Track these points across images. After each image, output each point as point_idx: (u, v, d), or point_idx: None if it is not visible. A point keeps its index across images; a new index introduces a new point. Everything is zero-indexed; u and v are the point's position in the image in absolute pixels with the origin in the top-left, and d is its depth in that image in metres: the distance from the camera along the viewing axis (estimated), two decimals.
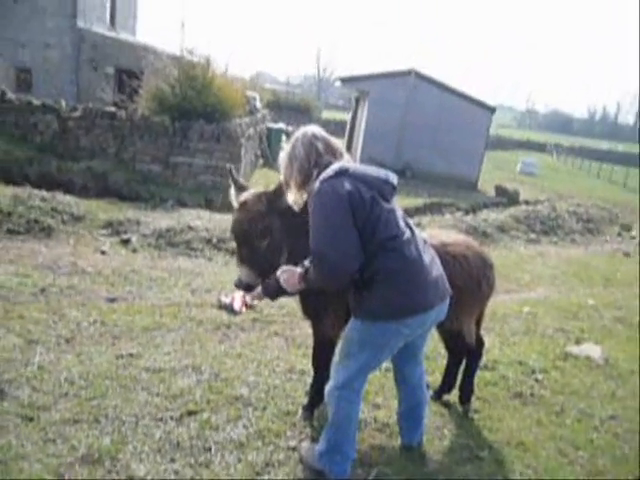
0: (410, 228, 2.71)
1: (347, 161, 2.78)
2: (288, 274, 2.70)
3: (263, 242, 2.88)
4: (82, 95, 19.25)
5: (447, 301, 2.80)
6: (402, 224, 2.67)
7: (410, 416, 3.15)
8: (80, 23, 19.97)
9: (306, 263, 2.68)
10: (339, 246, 2.49)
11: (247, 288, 2.92)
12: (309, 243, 2.62)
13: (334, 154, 2.76)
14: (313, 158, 2.71)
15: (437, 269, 2.76)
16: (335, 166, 2.63)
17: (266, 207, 2.91)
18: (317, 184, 2.59)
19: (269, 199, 2.92)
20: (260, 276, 2.87)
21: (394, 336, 2.69)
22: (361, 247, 2.54)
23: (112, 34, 21.42)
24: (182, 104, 12.13)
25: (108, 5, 23.02)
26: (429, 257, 2.74)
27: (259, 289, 2.86)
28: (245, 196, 2.98)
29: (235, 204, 3.00)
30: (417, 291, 2.62)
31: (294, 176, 2.73)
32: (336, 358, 2.96)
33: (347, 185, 2.54)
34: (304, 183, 2.72)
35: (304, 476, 2.85)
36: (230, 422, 3.22)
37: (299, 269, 2.69)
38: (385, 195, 2.65)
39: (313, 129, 2.82)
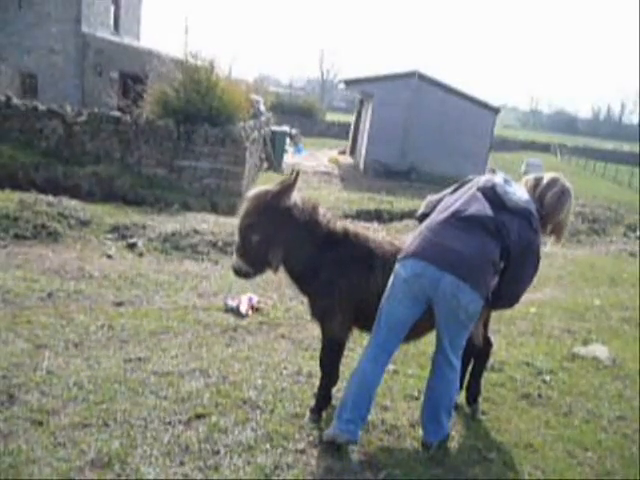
0: (470, 210, 2.97)
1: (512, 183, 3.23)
2: None
3: (254, 237, 3.06)
4: (87, 100, 19.36)
5: (460, 282, 2.84)
6: (462, 207, 2.99)
7: (428, 409, 3.14)
8: (84, 28, 20.08)
9: None
10: None
11: (236, 273, 3.23)
12: (302, 251, 3.12)
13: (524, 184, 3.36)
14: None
15: (460, 246, 2.88)
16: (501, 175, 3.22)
17: (265, 205, 3.03)
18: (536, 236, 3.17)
19: (272, 196, 3.04)
20: (250, 266, 3.16)
21: (396, 276, 2.96)
22: (434, 200, 3.34)
23: (116, 39, 21.53)
24: (186, 108, 12.17)
25: (112, 10, 23.15)
26: (459, 235, 2.90)
27: None
28: (254, 190, 3.16)
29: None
30: (419, 240, 2.96)
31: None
32: None
33: (484, 178, 3.21)
34: None
35: (313, 479, 2.86)
36: (238, 425, 3.23)
37: None
38: (486, 195, 3.03)
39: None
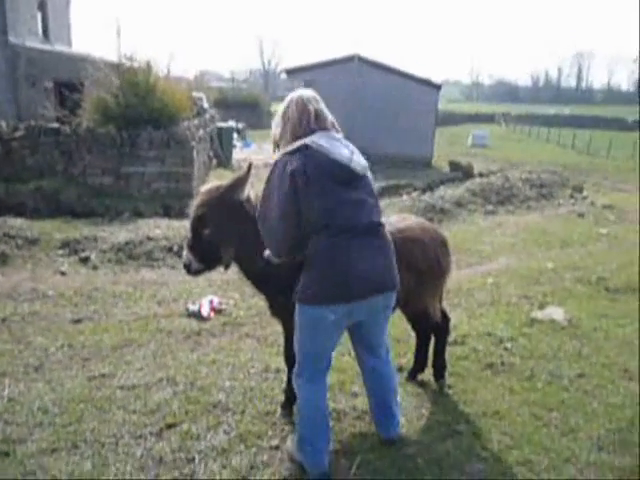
0: (363, 215, 2.67)
1: (335, 133, 2.74)
2: None
3: (205, 230, 3.01)
4: (23, 113, 18.62)
5: (390, 293, 2.78)
6: (348, 211, 2.63)
7: (380, 408, 3.13)
8: (12, 38, 19.27)
9: None
10: (270, 222, 2.63)
11: (186, 268, 3.12)
12: (255, 248, 2.86)
13: (324, 122, 2.74)
14: (305, 121, 2.69)
15: (380, 261, 2.71)
16: (301, 141, 2.62)
17: (216, 199, 3.01)
18: (278, 155, 2.66)
19: (224, 190, 3.02)
20: (200, 262, 3.08)
21: (320, 320, 2.67)
22: (294, 228, 2.60)
23: (47, 47, 20.79)
24: (127, 112, 11.88)
25: (39, 17, 22.30)
26: (372, 249, 2.69)
27: None
28: (206, 185, 3.14)
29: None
30: (338, 280, 2.62)
31: (286, 136, 2.72)
32: None
33: (296, 163, 2.56)
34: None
35: (289, 475, 2.88)
36: (210, 430, 3.23)
37: None
38: (337, 179, 2.62)
39: (308, 93, 2.79)
